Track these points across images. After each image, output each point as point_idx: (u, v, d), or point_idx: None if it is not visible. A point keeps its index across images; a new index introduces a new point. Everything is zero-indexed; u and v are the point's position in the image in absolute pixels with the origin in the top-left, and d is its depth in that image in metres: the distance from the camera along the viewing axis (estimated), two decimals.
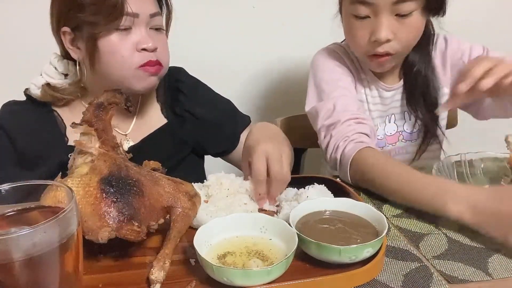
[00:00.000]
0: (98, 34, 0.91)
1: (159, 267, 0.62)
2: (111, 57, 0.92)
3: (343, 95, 1.07)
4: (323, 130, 1.04)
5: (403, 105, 1.16)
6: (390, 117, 1.17)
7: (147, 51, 0.94)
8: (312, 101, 1.11)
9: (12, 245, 0.45)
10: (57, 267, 0.49)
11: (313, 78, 1.14)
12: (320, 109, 1.06)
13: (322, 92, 1.09)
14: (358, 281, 0.64)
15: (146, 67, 0.94)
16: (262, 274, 0.59)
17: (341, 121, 1.01)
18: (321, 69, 1.13)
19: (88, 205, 0.63)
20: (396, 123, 1.18)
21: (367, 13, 0.97)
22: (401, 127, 1.18)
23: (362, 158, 0.92)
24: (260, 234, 0.69)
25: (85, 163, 0.68)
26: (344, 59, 1.14)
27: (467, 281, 0.65)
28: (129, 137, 1.04)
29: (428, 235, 0.77)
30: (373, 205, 0.86)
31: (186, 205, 0.73)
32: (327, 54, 1.15)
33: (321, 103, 1.07)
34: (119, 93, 0.76)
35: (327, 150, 1.01)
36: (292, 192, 0.85)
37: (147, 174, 0.73)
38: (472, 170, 0.95)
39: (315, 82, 1.13)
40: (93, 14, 0.89)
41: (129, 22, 0.92)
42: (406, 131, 1.18)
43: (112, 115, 0.74)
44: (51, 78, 1.00)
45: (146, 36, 0.94)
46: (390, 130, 1.17)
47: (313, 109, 1.09)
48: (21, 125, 1.00)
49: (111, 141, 0.72)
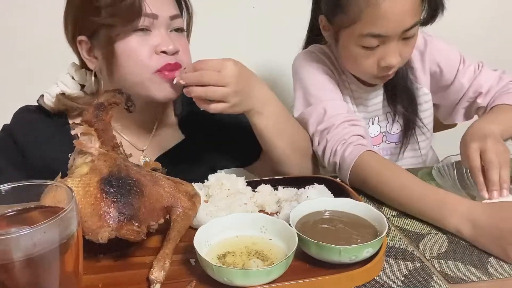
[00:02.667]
0: (116, 37, 0.87)
1: (159, 267, 0.62)
2: (130, 61, 0.88)
3: (332, 98, 1.06)
4: (316, 135, 1.02)
5: (385, 105, 1.15)
6: (374, 118, 1.16)
7: (167, 54, 0.89)
8: (300, 107, 1.09)
9: (12, 245, 0.45)
10: (57, 267, 0.49)
11: (299, 83, 1.11)
12: (310, 114, 1.04)
13: (310, 95, 1.07)
14: (358, 281, 0.64)
15: (163, 72, 0.89)
16: (262, 274, 0.59)
17: (335, 125, 0.99)
18: (305, 73, 1.11)
19: (88, 205, 0.63)
20: (379, 124, 1.17)
21: (377, 44, 0.96)
22: (384, 128, 1.17)
23: (363, 163, 0.91)
24: (260, 234, 0.69)
25: (85, 163, 0.68)
26: (326, 61, 1.12)
27: (467, 281, 0.65)
28: (146, 153, 1.01)
29: (428, 235, 0.77)
30: (373, 205, 0.86)
31: (186, 205, 0.73)
32: (309, 56, 1.13)
33: (310, 108, 1.05)
34: (119, 93, 0.76)
35: (324, 155, 1.00)
36: (292, 192, 0.85)
37: (147, 174, 0.73)
38: None
39: (301, 86, 1.10)
40: (110, 16, 0.85)
41: (148, 23, 0.88)
42: (389, 132, 1.17)
43: (112, 115, 0.74)
44: (67, 88, 0.98)
45: (166, 38, 0.89)
46: (374, 131, 1.16)
47: (302, 114, 1.07)
48: (34, 136, 0.97)
49: (111, 141, 0.72)
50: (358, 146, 0.95)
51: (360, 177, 0.91)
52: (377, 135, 1.17)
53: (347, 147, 0.95)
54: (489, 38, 1.73)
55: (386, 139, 1.18)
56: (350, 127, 0.99)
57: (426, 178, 0.97)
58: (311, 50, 1.16)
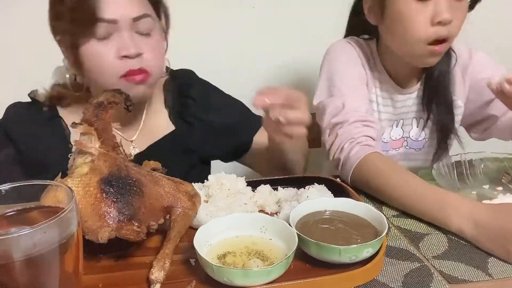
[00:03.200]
0: (79, 42, 0.86)
1: (159, 267, 0.62)
2: (94, 67, 0.88)
3: (354, 94, 1.04)
4: (329, 128, 1.02)
5: (414, 111, 1.13)
6: (399, 121, 1.14)
7: (129, 58, 0.87)
8: (321, 95, 1.08)
9: (12, 245, 0.45)
10: (57, 267, 0.49)
11: (326, 69, 1.10)
12: (328, 105, 1.04)
13: (333, 86, 1.06)
14: (358, 281, 0.64)
15: (129, 77, 0.88)
16: (262, 274, 0.59)
17: (349, 121, 0.98)
18: (335, 62, 1.09)
19: (88, 205, 0.63)
20: (403, 128, 1.15)
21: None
22: (407, 133, 1.15)
23: (367, 163, 0.91)
24: (260, 234, 0.69)
25: (85, 163, 0.68)
26: (360, 54, 1.10)
27: (467, 281, 0.65)
28: (135, 143, 1.02)
29: (428, 235, 0.77)
30: (373, 205, 0.86)
31: (186, 205, 0.73)
32: (343, 46, 1.11)
33: (330, 99, 1.04)
34: (118, 92, 0.76)
35: (331, 149, 1.00)
36: (292, 192, 0.85)
37: (147, 174, 0.73)
38: (472, 170, 0.95)
39: (327, 74, 1.09)
40: (69, 22, 0.85)
41: (108, 29, 0.86)
42: (411, 138, 1.16)
43: (112, 114, 0.74)
44: (60, 78, 0.98)
45: (127, 42, 0.86)
46: (395, 135, 1.15)
47: (321, 104, 1.07)
48: (26, 129, 0.98)
49: (111, 141, 0.72)
50: (365, 147, 0.94)
51: (363, 177, 0.91)
52: (398, 139, 1.16)
53: (354, 146, 0.95)
54: None
55: (406, 144, 1.17)
56: (362, 127, 0.98)
57: (426, 178, 0.97)
58: (347, 40, 1.13)
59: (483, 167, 0.96)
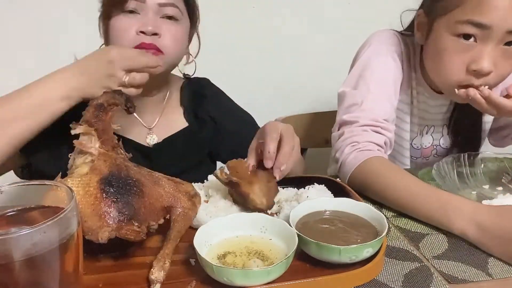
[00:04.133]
0: (110, 15, 0.94)
1: (159, 267, 0.62)
2: (115, 37, 0.94)
3: (377, 94, 0.99)
4: (339, 123, 1.00)
5: (446, 118, 1.09)
6: (430, 128, 1.11)
7: (145, 35, 0.92)
8: (348, 84, 1.03)
9: (12, 245, 0.45)
10: (57, 267, 0.49)
11: (362, 60, 1.04)
12: (347, 98, 1.00)
13: (362, 79, 1.01)
14: (358, 281, 0.64)
15: (140, 47, 0.92)
16: (262, 274, 0.59)
17: (359, 123, 0.96)
18: (373, 54, 1.03)
19: (88, 205, 0.63)
20: (432, 135, 1.12)
21: (473, 36, 0.87)
22: (437, 140, 1.12)
23: (366, 167, 0.89)
24: (260, 234, 0.69)
25: (85, 163, 0.68)
26: (401, 51, 1.04)
27: (467, 281, 0.65)
28: (153, 131, 1.06)
29: (428, 235, 0.77)
30: (373, 205, 0.86)
31: (186, 205, 0.73)
32: (389, 37, 1.05)
33: (353, 92, 1.00)
34: (119, 94, 0.76)
35: (335, 146, 0.98)
36: (292, 192, 0.85)
37: (147, 174, 0.73)
38: (472, 170, 0.95)
39: (360, 64, 1.03)
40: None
41: (135, 6, 0.93)
42: (442, 146, 1.13)
43: (112, 115, 0.74)
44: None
45: (148, 21, 0.92)
46: (426, 143, 1.12)
47: (343, 92, 1.02)
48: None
49: (111, 141, 0.72)
50: (363, 152, 0.92)
51: (362, 181, 0.90)
52: (428, 147, 1.13)
53: (353, 151, 0.93)
54: None
55: (436, 152, 1.14)
56: (371, 133, 0.95)
57: (426, 178, 0.97)
58: (394, 33, 1.07)
59: (483, 167, 0.96)
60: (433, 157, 1.14)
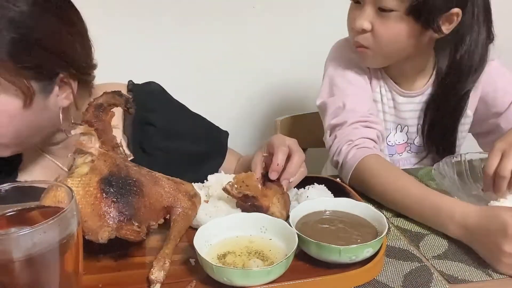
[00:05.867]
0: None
1: (159, 267, 0.62)
2: None
3: (355, 94, 1.03)
4: (329, 128, 1.02)
5: (418, 117, 1.11)
6: (403, 127, 1.13)
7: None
8: (323, 95, 1.07)
9: (12, 245, 0.45)
10: (57, 267, 0.49)
11: (328, 69, 1.10)
12: (329, 105, 1.03)
13: (335, 86, 1.05)
14: (358, 281, 0.64)
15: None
16: (262, 274, 0.59)
17: (348, 123, 0.98)
18: (338, 61, 1.09)
19: (88, 205, 0.63)
20: (407, 134, 1.14)
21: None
22: (411, 139, 1.14)
23: (365, 166, 0.90)
24: (260, 234, 0.69)
25: (85, 163, 0.68)
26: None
27: (467, 281, 0.65)
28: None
29: (428, 235, 0.77)
30: (373, 205, 0.86)
31: (186, 205, 0.73)
32: (346, 45, 1.10)
33: (332, 98, 1.04)
34: (119, 95, 0.76)
35: (331, 151, 1.00)
36: (292, 192, 0.84)
37: (147, 174, 0.73)
38: (472, 170, 0.95)
39: (329, 74, 1.09)
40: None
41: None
42: (416, 144, 1.15)
43: (112, 115, 0.74)
44: None
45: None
46: (399, 139, 1.14)
47: (323, 104, 1.06)
48: None
49: (111, 141, 0.72)
50: (362, 149, 0.93)
51: (361, 180, 0.90)
52: (401, 144, 1.15)
53: (351, 149, 0.94)
54: None
55: (409, 149, 1.15)
56: (362, 128, 0.97)
57: (426, 178, 0.97)
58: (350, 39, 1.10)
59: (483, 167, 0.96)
60: (406, 153, 1.16)
